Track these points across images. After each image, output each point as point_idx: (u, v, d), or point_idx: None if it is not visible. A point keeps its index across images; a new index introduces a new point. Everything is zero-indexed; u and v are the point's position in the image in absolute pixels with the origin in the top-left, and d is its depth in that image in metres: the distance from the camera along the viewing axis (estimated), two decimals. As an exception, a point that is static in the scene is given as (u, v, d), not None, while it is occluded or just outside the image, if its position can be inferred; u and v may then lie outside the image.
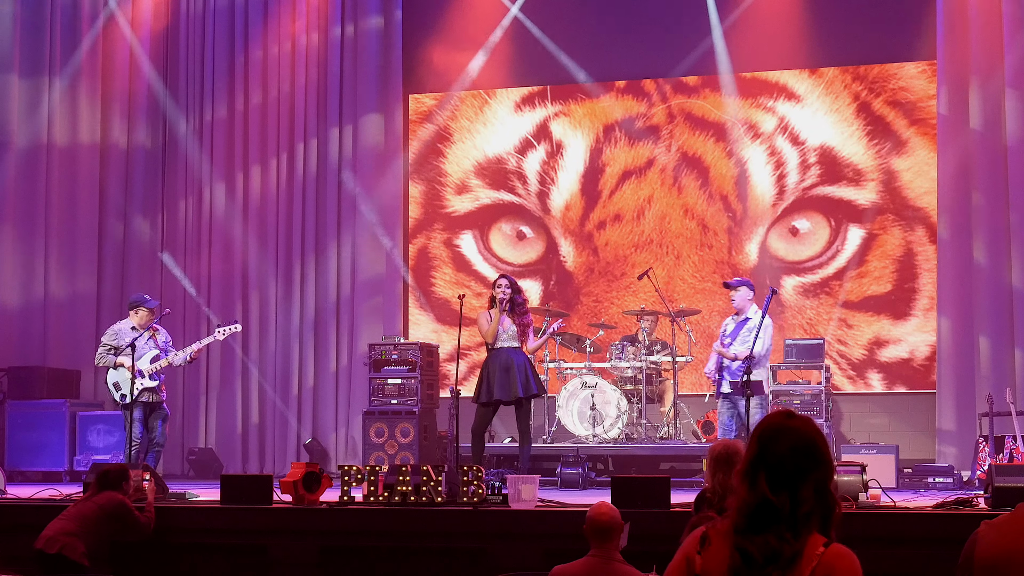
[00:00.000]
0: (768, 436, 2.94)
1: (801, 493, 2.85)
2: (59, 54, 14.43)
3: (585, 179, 14.25)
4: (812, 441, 2.90)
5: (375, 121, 14.35)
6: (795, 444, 2.90)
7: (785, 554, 2.82)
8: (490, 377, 10.51)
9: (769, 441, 2.93)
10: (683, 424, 12.52)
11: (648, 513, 7.93)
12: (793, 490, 2.86)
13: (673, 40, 14.04)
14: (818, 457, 2.89)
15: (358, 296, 14.19)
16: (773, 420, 2.97)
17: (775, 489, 2.86)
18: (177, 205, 14.72)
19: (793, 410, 3.02)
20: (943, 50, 12.75)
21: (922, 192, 13.28)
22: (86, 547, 7.66)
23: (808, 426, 2.93)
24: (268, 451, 14.13)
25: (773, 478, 2.88)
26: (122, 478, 8.01)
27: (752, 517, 2.88)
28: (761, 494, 2.87)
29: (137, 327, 10.76)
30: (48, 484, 11.26)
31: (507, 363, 10.45)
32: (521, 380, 10.40)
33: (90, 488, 7.99)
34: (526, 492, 8.54)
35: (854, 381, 13.36)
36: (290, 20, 14.50)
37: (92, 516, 7.73)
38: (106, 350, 10.73)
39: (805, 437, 2.91)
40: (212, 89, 14.66)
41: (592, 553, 5.64)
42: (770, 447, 2.92)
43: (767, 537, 2.84)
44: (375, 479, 8.74)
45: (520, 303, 10.60)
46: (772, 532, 2.84)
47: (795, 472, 2.87)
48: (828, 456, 2.92)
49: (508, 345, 10.51)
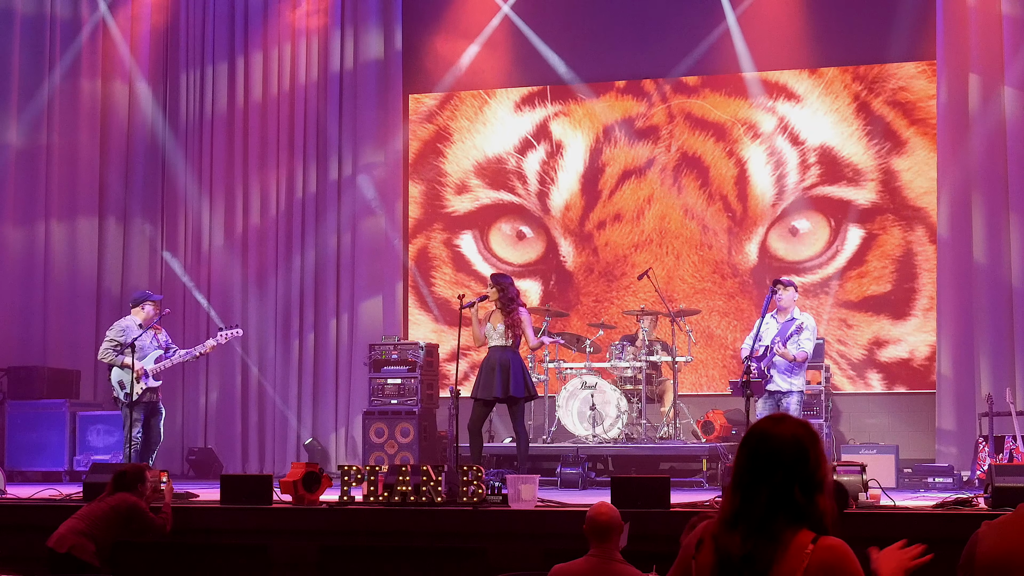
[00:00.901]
0: (745, 438, 3.00)
1: (755, 497, 2.89)
2: (59, 53, 14.44)
3: (585, 179, 14.25)
4: (776, 445, 2.92)
5: (375, 121, 14.35)
6: (756, 449, 2.94)
7: (758, 554, 2.84)
8: (481, 374, 10.58)
9: (744, 442, 2.98)
10: (683, 424, 12.52)
11: (648, 513, 7.93)
12: (747, 492, 2.91)
13: (673, 40, 14.04)
14: (778, 463, 2.90)
15: (358, 296, 14.19)
16: (754, 425, 3.02)
17: (733, 490, 2.93)
18: (177, 205, 14.72)
19: (786, 414, 3.03)
20: (943, 50, 12.75)
21: (922, 192, 13.28)
22: (96, 547, 7.66)
23: (783, 430, 2.94)
24: (268, 451, 14.13)
25: (735, 480, 2.95)
26: (138, 479, 7.99)
27: (726, 518, 2.93)
28: (727, 494, 2.95)
29: (143, 324, 10.69)
30: (48, 484, 11.26)
31: (495, 362, 10.48)
32: (501, 380, 10.39)
33: (106, 488, 7.98)
34: (526, 492, 8.55)
35: (854, 381, 13.36)
36: (290, 20, 14.50)
37: (103, 517, 7.74)
38: (112, 346, 10.58)
39: (770, 443, 2.93)
40: (212, 89, 14.66)
41: (592, 553, 5.64)
42: (743, 448, 2.98)
43: (734, 537, 2.88)
44: (375, 479, 8.74)
45: (507, 301, 10.52)
46: (739, 532, 2.88)
47: (749, 475, 2.91)
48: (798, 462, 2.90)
49: (497, 344, 10.53)
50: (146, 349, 10.58)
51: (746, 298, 13.66)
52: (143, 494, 7.99)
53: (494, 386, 10.42)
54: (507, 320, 10.48)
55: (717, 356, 13.66)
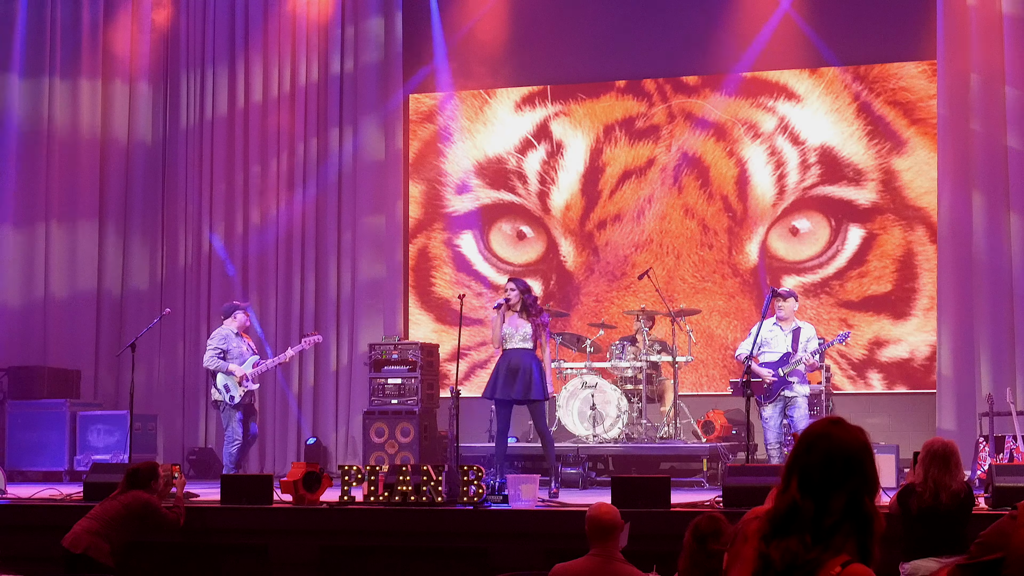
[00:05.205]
0: (807, 440, 2.87)
1: (830, 503, 2.78)
2: (59, 50, 14.44)
3: (585, 179, 14.25)
4: (850, 451, 2.82)
5: (375, 121, 14.36)
6: (830, 451, 2.82)
7: (804, 563, 2.75)
8: (498, 376, 10.50)
9: (807, 446, 2.86)
10: (683, 424, 12.52)
11: (648, 513, 7.94)
12: (820, 498, 2.78)
13: (673, 40, 14.04)
14: (853, 468, 2.80)
15: (358, 296, 14.19)
16: (816, 425, 2.90)
17: (803, 494, 2.80)
18: (177, 205, 14.71)
19: (842, 418, 2.95)
20: (943, 50, 12.75)
21: (922, 192, 13.28)
22: (111, 547, 7.67)
23: (851, 435, 2.84)
24: (268, 451, 14.12)
25: (803, 483, 2.81)
26: (151, 476, 8.01)
27: (779, 522, 2.82)
28: (791, 498, 2.81)
29: (239, 331, 11.42)
30: (48, 484, 11.28)
31: (515, 364, 10.39)
32: (523, 383, 10.33)
33: (118, 486, 7.99)
34: (526, 492, 8.55)
35: (854, 381, 13.36)
36: (291, 19, 14.50)
37: (117, 516, 7.74)
38: (216, 353, 11.21)
39: (843, 446, 2.82)
40: (213, 87, 14.65)
41: (592, 553, 5.64)
42: (806, 452, 2.85)
43: (789, 543, 2.78)
44: (375, 479, 8.75)
45: (531, 303, 10.53)
46: (795, 538, 2.78)
47: (825, 479, 2.80)
48: (867, 469, 2.82)
49: (518, 346, 10.45)
50: (244, 355, 11.25)
51: (746, 298, 13.66)
52: (156, 491, 8.00)
53: (515, 388, 10.35)
54: (532, 322, 10.45)
55: (717, 356, 13.65)
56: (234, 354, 11.22)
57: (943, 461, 6.59)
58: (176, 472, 8.62)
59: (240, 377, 11.09)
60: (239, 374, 11.09)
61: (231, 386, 11.15)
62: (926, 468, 6.63)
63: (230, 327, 11.44)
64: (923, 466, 6.64)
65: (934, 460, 6.60)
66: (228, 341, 11.31)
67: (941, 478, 6.54)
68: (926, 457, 6.65)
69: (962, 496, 6.59)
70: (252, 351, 11.48)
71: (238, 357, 11.22)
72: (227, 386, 11.17)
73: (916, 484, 6.67)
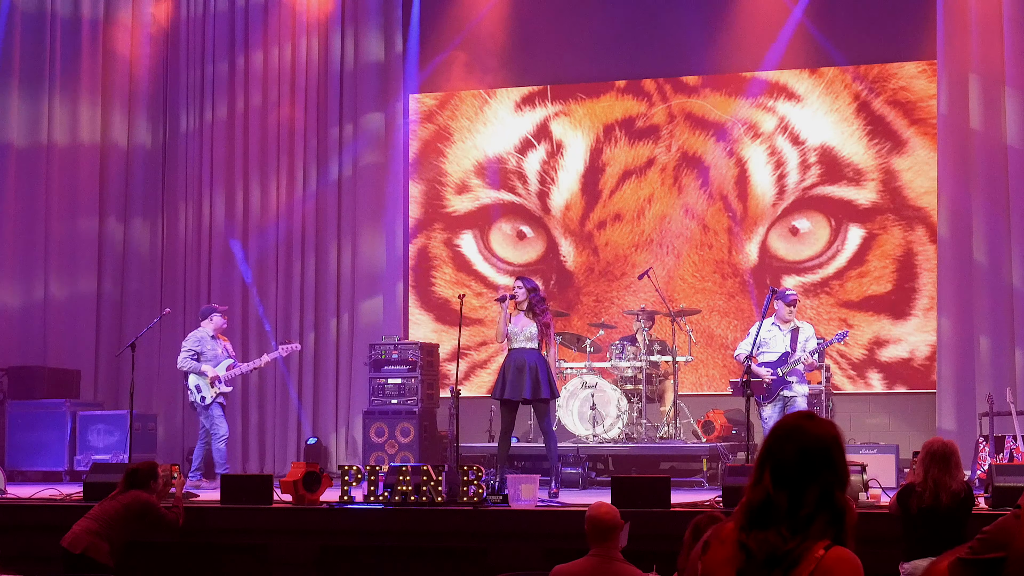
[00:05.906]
0: (779, 434, 2.90)
1: (804, 495, 2.81)
2: (59, 54, 14.43)
3: (585, 179, 14.25)
4: (823, 444, 2.85)
5: (375, 121, 14.35)
6: (803, 444, 2.85)
7: (783, 555, 2.77)
8: (505, 376, 10.49)
9: (779, 439, 2.89)
10: (683, 424, 12.52)
11: (648, 513, 7.94)
12: (795, 490, 2.82)
13: (673, 40, 14.04)
14: (826, 461, 2.84)
15: (358, 296, 14.19)
16: (789, 419, 2.94)
17: (776, 487, 2.83)
18: (177, 205, 14.71)
19: (814, 412, 2.98)
20: (943, 50, 12.75)
21: (922, 192, 13.28)
22: (110, 547, 7.67)
23: (823, 429, 2.88)
24: (268, 451, 14.12)
25: (777, 476, 2.84)
26: (150, 476, 8.00)
27: (754, 514, 2.85)
28: (764, 491, 2.84)
29: (216, 334, 11.65)
30: (48, 484, 11.28)
31: (520, 363, 10.39)
32: (530, 382, 10.33)
33: (118, 486, 7.98)
34: (526, 492, 8.55)
35: (854, 381, 13.36)
36: (291, 21, 14.49)
37: (117, 516, 7.74)
38: (189, 354, 11.50)
39: (816, 439, 2.86)
40: (212, 89, 14.64)
41: (592, 553, 5.64)
42: (778, 444, 2.88)
43: (767, 535, 2.81)
44: (375, 479, 8.75)
45: (538, 302, 10.52)
46: (772, 531, 2.81)
47: (799, 472, 2.83)
48: (839, 461, 2.86)
49: (522, 346, 10.45)
50: (218, 358, 11.54)
51: (746, 298, 13.66)
52: (155, 490, 8.00)
53: (522, 388, 10.34)
54: (538, 321, 10.45)
55: (717, 356, 13.65)
56: (208, 356, 11.48)
57: (943, 461, 6.59)
58: (176, 472, 8.61)
59: (212, 378, 11.33)
60: (211, 375, 11.32)
61: (203, 387, 11.41)
62: (926, 468, 6.63)
63: (206, 329, 11.67)
64: (923, 466, 6.64)
65: (934, 460, 6.60)
66: (203, 343, 11.56)
67: (941, 478, 6.55)
68: (926, 457, 6.65)
69: (962, 496, 6.59)
70: (228, 354, 11.70)
71: (213, 359, 11.48)
72: (199, 387, 11.44)
73: (916, 484, 6.67)
